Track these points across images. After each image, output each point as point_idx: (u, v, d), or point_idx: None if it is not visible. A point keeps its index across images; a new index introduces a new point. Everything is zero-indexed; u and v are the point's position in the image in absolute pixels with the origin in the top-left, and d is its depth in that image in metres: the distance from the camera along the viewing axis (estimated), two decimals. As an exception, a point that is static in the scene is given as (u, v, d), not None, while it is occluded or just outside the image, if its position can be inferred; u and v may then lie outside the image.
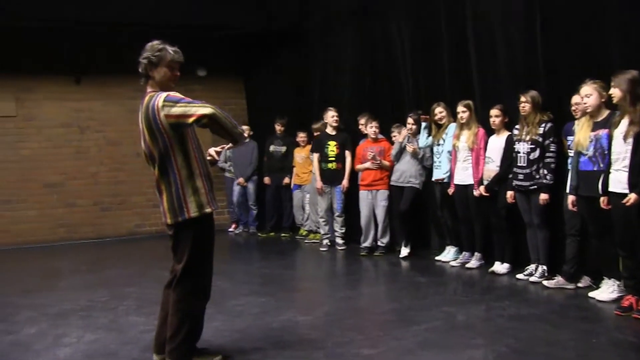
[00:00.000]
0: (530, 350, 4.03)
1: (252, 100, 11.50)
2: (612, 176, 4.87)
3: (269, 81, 10.91)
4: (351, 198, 8.28)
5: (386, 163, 7.71)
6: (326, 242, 8.40)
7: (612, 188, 4.87)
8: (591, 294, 5.22)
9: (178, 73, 3.95)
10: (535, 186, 5.84)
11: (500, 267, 6.34)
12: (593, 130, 5.13)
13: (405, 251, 7.48)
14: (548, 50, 5.97)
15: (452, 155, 6.86)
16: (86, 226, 10.43)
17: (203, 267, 3.98)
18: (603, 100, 5.07)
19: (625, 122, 4.79)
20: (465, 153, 6.66)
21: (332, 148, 8.20)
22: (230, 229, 10.61)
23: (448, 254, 7.14)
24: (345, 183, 8.16)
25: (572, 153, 5.45)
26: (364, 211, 7.87)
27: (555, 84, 5.96)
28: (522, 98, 5.88)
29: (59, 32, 9.69)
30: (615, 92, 4.76)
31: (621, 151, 4.80)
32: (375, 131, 7.81)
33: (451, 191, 6.87)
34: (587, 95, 5.11)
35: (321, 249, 8.33)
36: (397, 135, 7.65)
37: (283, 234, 9.78)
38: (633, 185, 4.65)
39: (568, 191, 5.41)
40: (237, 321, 5.08)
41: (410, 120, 7.38)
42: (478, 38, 6.76)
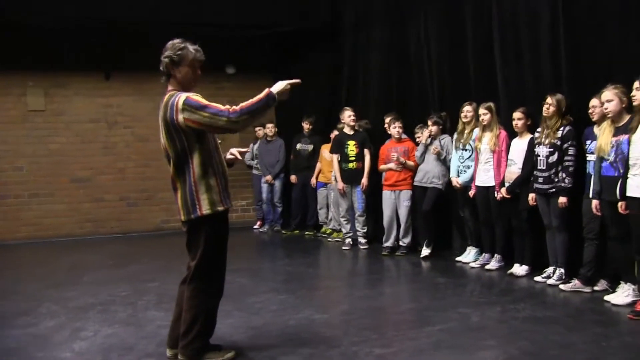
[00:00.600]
0: (541, 352, 4.04)
1: (281, 101, 11.49)
2: (630, 181, 4.84)
3: (301, 81, 10.90)
4: (376, 198, 8.31)
5: (410, 163, 7.71)
6: (348, 241, 8.44)
7: (630, 193, 4.84)
8: (607, 298, 5.19)
9: (199, 72, 4.00)
10: (554, 189, 5.80)
11: (519, 269, 6.31)
12: (614, 135, 5.09)
13: (426, 251, 7.48)
14: (571, 54, 5.94)
15: (475, 157, 6.85)
16: (113, 221, 10.63)
17: (216, 264, 4.04)
18: (624, 105, 5.03)
19: None
20: (487, 155, 6.65)
21: (352, 147, 8.23)
22: (255, 227, 10.69)
23: (469, 255, 7.13)
24: (365, 182, 8.18)
25: (592, 157, 5.43)
26: (387, 211, 7.89)
27: (577, 88, 5.91)
28: (549, 99, 5.83)
29: (90, 29, 9.89)
30: (637, 95, 4.71)
31: (639, 156, 4.76)
32: (398, 131, 7.82)
33: (472, 193, 6.86)
34: (608, 100, 5.08)
35: (343, 248, 8.37)
36: (421, 135, 7.65)
37: (307, 232, 9.83)
38: None
39: (591, 196, 5.37)
40: (254, 318, 5.14)
41: (430, 122, 7.38)
42: (503, 40, 6.74)
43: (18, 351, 4.48)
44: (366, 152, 8.24)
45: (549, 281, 5.85)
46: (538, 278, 6.00)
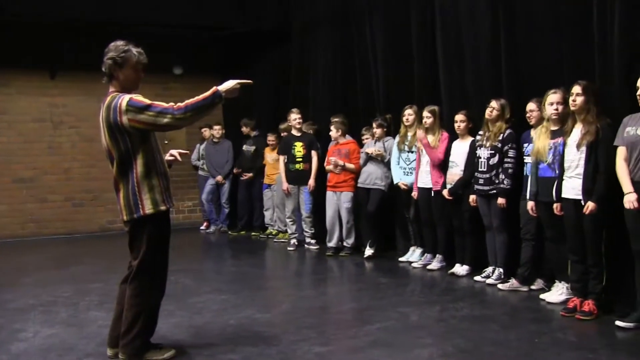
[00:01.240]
0: (475, 349, 4.14)
1: (229, 101, 11.47)
2: (565, 183, 5.00)
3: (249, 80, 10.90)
4: (322, 198, 8.37)
5: (350, 166, 7.75)
6: (294, 242, 8.47)
7: (565, 194, 5.00)
8: (542, 296, 5.36)
9: (143, 75, 3.99)
10: (494, 191, 5.94)
11: (460, 269, 6.44)
12: (552, 138, 5.24)
13: (370, 251, 7.55)
14: (510, 59, 6.09)
15: (417, 158, 6.96)
16: (57, 222, 10.40)
17: (158, 264, 4.04)
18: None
19: (577, 131, 4.91)
20: (428, 157, 6.75)
21: (299, 149, 8.28)
22: (202, 227, 10.65)
23: (412, 255, 7.24)
24: (311, 183, 8.23)
25: (529, 160, 5.59)
26: (329, 212, 7.95)
27: (515, 93, 6.06)
28: (494, 104, 5.94)
29: (35, 26, 9.67)
30: (578, 100, 4.87)
31: (574, 159, 4.93)
32: (331, 134, 7.90)
33: (415, 194, 6.97)
34: (559, 102, 5.20)
35: (289, 249, 8.40)
36: (369, 137, 7.73)
37: (253, 233, 9.83)
38: (588, 192, 4.78)
39: (528, 197, 5.53)
40: (196, 318, 5.13)
41: (374, 124, 7.47)
42: (445, 45, 6.86)
43: (-49, 355, 4.39)
44: (313, 154, 8.29)
45: (488, 281, 5.98)
46: (478, 277, 6.13)
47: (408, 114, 7.04)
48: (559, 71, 5.58)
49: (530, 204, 5.47)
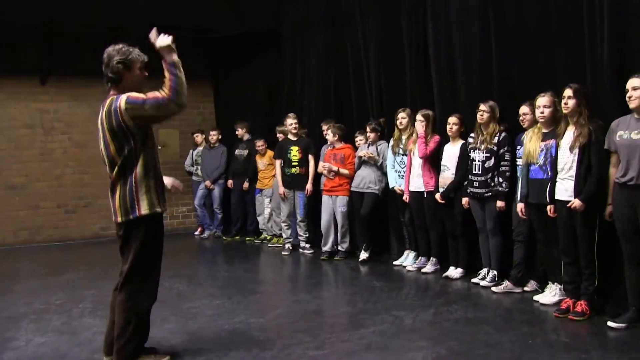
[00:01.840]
0: (469, 352, 4.16)
1: (223, 104, 11.53)
2: (559, 184, 5.04)
3: (240, 85, 10.93)
4: (316, 203, 8.38)
5: (345, 171, 7.75)
6: (288, 247, 8.46)
7: (558, 196, 5.04)
8: (536, 298, 5.41)
9: (147, 73, 4.04)
10: (490, 193, 5.95)
11: (454, 272, 6.46)
12: (543, 140, 5.27)
13: (364, 255, 7.56)
14: (502, 63, 6.15)
15: (407, 161, 6.98)
16: (50, 229, 10.33)
17: (151, 267, 4.03)
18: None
19: (570, 133, 4.95)
20: (420, 160, 6.76)
21: (295, 153, 8.29)
22: (196, 233, 10.62)
23: (407, 259, 7.25)
24: (309, 187, 8.24)
25: (521, 162, 5.62)
26: (325, 216, 7.96)
27: (508, 96, 6.10)
28: (482, 107, 5.99)
29: (25, 31, 9.63)
30: (570, 103, 4.90)
31: (567, 161, 4.96)
32: (329, 138, 7.88)
33: (406, 198, 6.99)
34: (546, 105, 5.23)
35: (283, 253, 8.38)
36: (363, 140, 7.75)
37: (248, 238, 9.79)
38: (578, 192, 4.83)
39: (518, 199, 5.56)
40: (190, 323, 5.13)
41: (368, 128, 7.48)
42: (437, 49, 6.90)
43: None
44: (310, 158, 8.30)
45: (482, 283, 6.01)
46: (472, 280, 6.16)
47: (401, 117, 7.06)
48: (551, 75, 5.62)
49: (519, 206, 5.51)
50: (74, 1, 8.82)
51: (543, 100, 5.23)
